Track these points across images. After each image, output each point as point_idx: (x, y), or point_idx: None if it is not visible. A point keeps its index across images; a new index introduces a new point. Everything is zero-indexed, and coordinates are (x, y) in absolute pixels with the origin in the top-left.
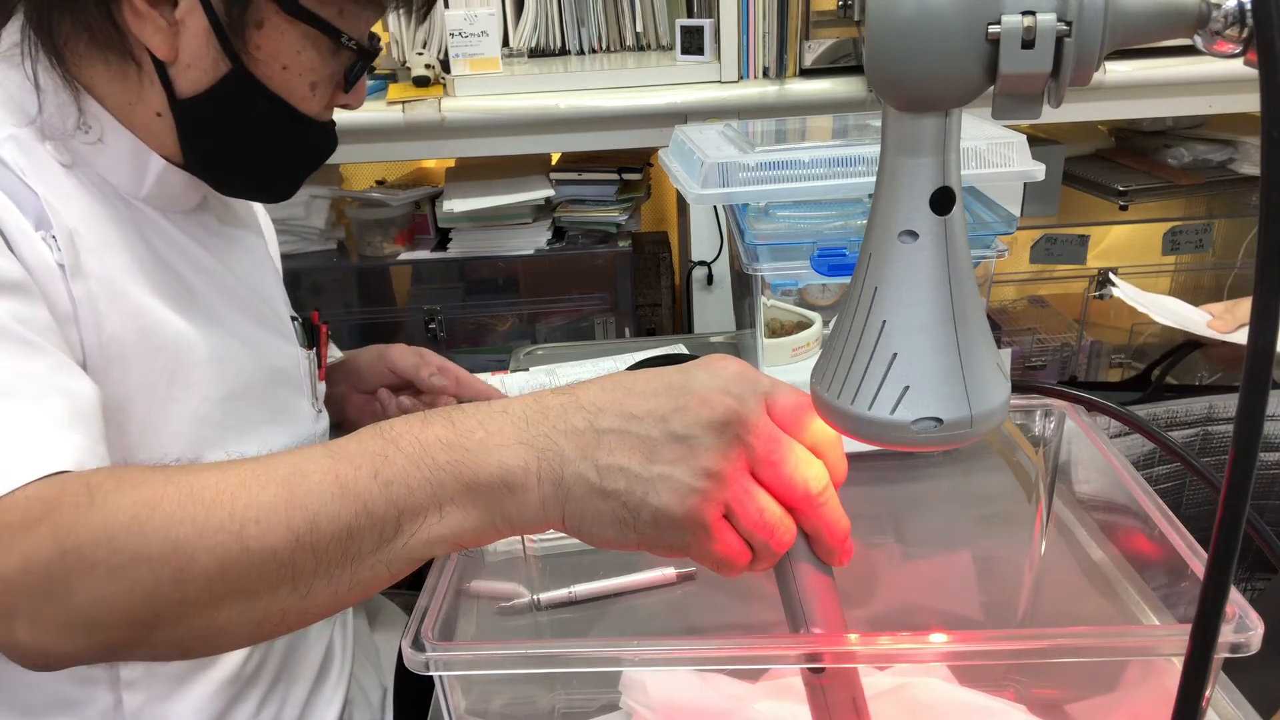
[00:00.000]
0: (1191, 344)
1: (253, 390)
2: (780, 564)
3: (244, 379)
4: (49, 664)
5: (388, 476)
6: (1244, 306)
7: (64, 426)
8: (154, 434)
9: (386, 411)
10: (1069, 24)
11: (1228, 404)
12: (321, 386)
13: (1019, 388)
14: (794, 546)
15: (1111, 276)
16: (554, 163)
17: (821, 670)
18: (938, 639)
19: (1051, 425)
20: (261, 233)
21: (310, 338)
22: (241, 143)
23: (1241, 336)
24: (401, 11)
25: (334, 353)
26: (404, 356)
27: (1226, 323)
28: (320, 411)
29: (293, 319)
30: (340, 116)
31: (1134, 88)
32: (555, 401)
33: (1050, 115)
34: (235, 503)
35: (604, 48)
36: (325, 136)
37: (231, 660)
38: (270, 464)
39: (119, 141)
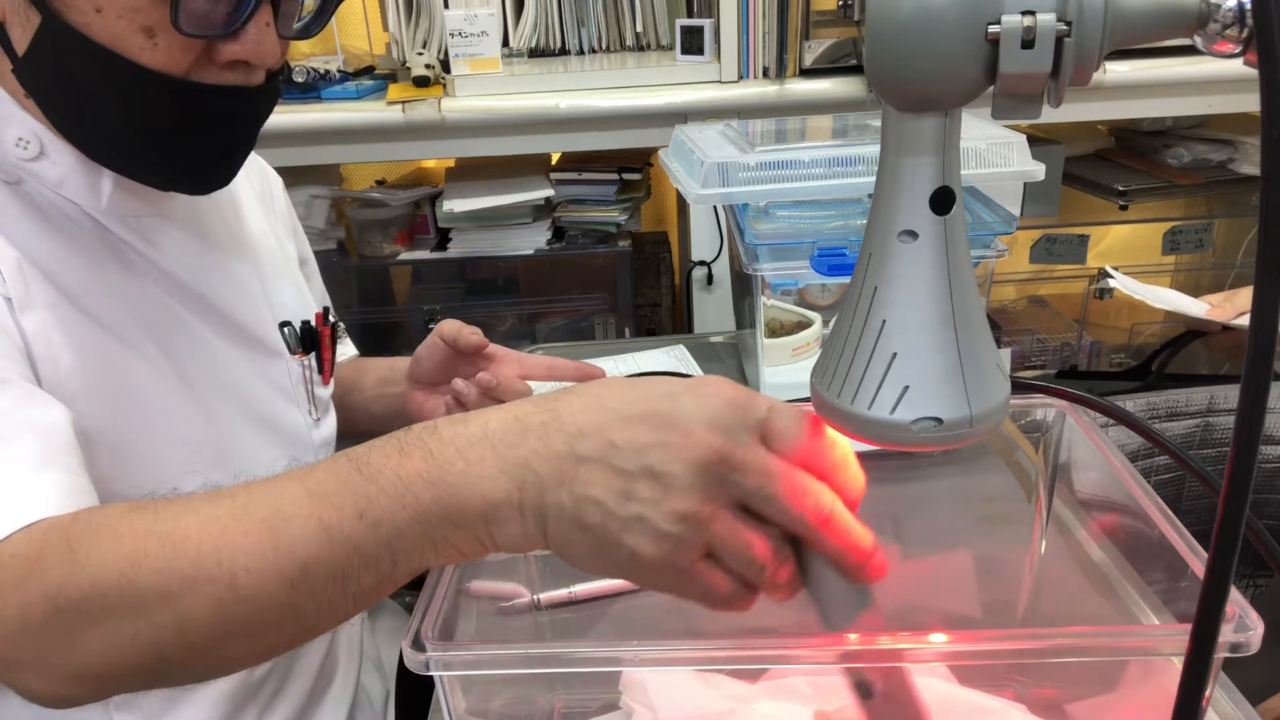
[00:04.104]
0: (1192, 333)
1: (233, 410)
2: (820, 604)
3: (221, 399)
4: (67, 705)
5: (374, 518)
6: (1243, 295)
7: (37, 467)
8: (126, 466)
9: (467, 403)
10: (1069, 24)
11: (1229, 395)
12: (324, 391)
13: (1018, 386)
14: (829, 583)
15: (1109, 269)
16: (554, 163)
17: (870, 695)
18: (938, 639)
19: (1051, 425)
20: (243, 229)
21: (308, 342)
22: (95, 109)
23: (1242, 322)
24: None
25: (348, 350)
26: (447, 325)
27: (1226, 311)
28: (319, 420)
29: (283, 325)
30: (340, 117)
31: (1134, 88)
32: (536, 420)
33: (1050, 115)
34: (220, 552)
35: (604, 48)
36: (217, 99)
37: (227, 677)
38: (249, 504)
39: (62, 154)
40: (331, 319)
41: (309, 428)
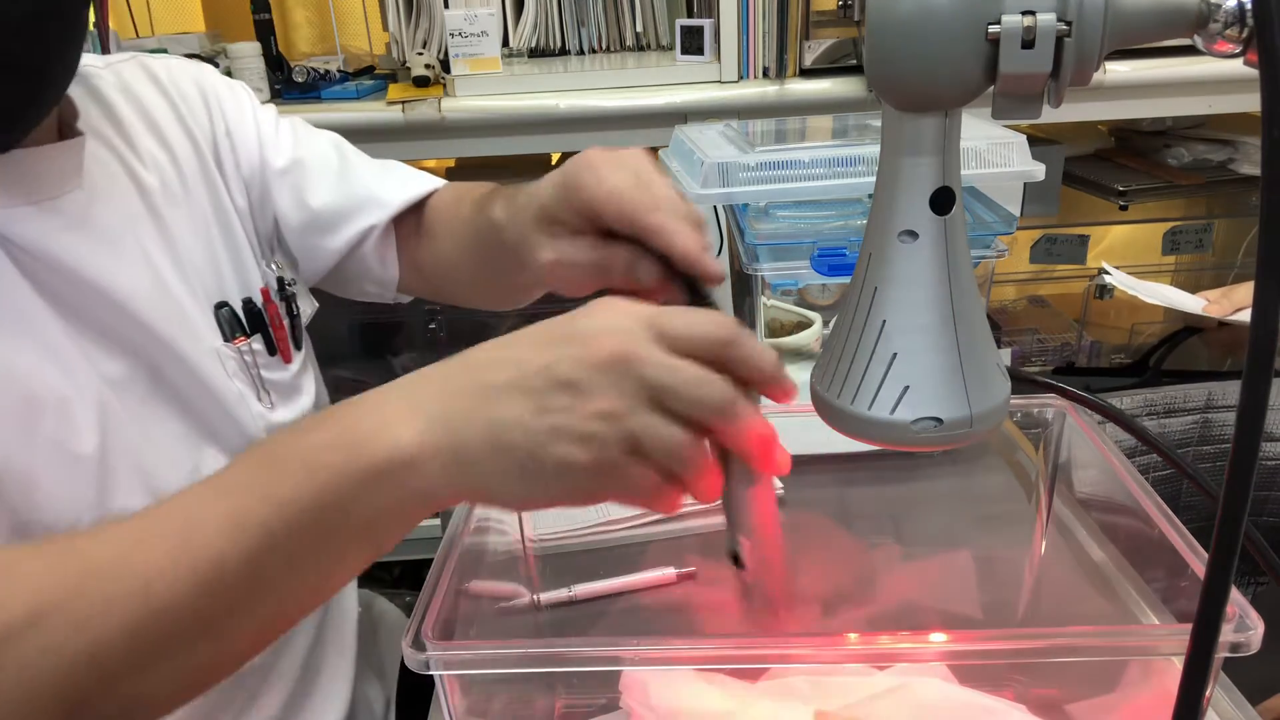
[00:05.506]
0: (1189, 329)
1: (150, 420)
2: (730, 508)
3: (133, 411)
4: None
5: (281, 497)
6: (1240, 291)
7: None
8: (26, 498)
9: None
10: (1069, 24)
11: (1227, 391)
12: (282, 373)
13: (1014, 379)
14: (733, 464)
15: (1106, 265)
16: (554, 163)
17: (741, 565)
18: (938, 639)
19: (1051, 424)
20: (155, 207)
21: (253, 322)
22: None
23: (1238, 317)
24: None
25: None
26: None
27: (1223, 307)
28: (274, 406)
29: (218, 306)
30: (340, 117)
31: (1134, 88)
32: (441, 370)
33: (1050, 115)
34: (134, 568)
35: (604, 48)
36: None
37: None
38: (162, 518)
39: None
40: (289, 288)
41: (258, 416)
